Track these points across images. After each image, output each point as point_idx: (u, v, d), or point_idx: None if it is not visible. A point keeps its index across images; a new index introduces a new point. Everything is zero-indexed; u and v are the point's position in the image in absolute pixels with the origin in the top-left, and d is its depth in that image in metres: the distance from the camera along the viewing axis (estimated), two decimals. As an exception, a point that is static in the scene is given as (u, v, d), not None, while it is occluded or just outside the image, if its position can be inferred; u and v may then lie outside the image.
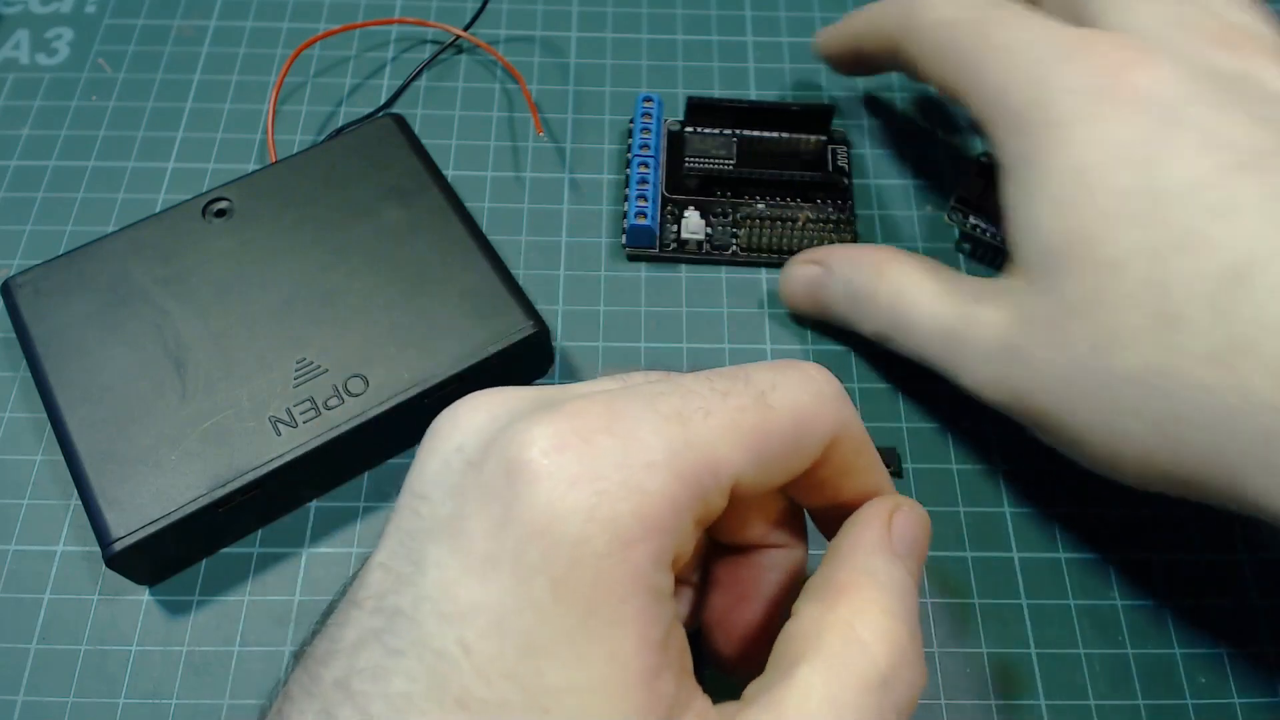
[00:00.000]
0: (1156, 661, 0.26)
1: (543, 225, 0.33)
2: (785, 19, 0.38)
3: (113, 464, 0.25)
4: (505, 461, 0.15)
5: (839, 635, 0.17)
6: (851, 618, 0.17)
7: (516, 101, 0.36)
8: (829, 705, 0.16)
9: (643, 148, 0.33)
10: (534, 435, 0.15)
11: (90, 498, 0.24)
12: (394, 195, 0.30)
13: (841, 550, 0.19)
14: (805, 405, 0.17)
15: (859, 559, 0.18)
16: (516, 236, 0.32)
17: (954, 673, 0.25)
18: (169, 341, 0.27)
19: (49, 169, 0.34)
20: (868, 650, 0.16)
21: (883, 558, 0.18)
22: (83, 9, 0.38)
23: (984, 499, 0.28)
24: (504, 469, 0.15)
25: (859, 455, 0.19)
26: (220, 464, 0.25)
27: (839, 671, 0.16)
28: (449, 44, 0.37)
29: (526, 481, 0.15)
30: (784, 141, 0.33)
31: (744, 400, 0.17)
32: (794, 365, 0.18)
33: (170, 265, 0.28)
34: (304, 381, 0.26)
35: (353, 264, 0.28)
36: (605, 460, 0.15)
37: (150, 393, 0.26)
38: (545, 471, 0.15)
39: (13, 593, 0.26)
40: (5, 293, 0.28)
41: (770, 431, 0.17)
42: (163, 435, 0.25)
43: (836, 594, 0.17)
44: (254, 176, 0.30)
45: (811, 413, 0.17)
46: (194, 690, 0.25)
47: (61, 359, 0.26)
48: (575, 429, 0.16)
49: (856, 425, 0.19)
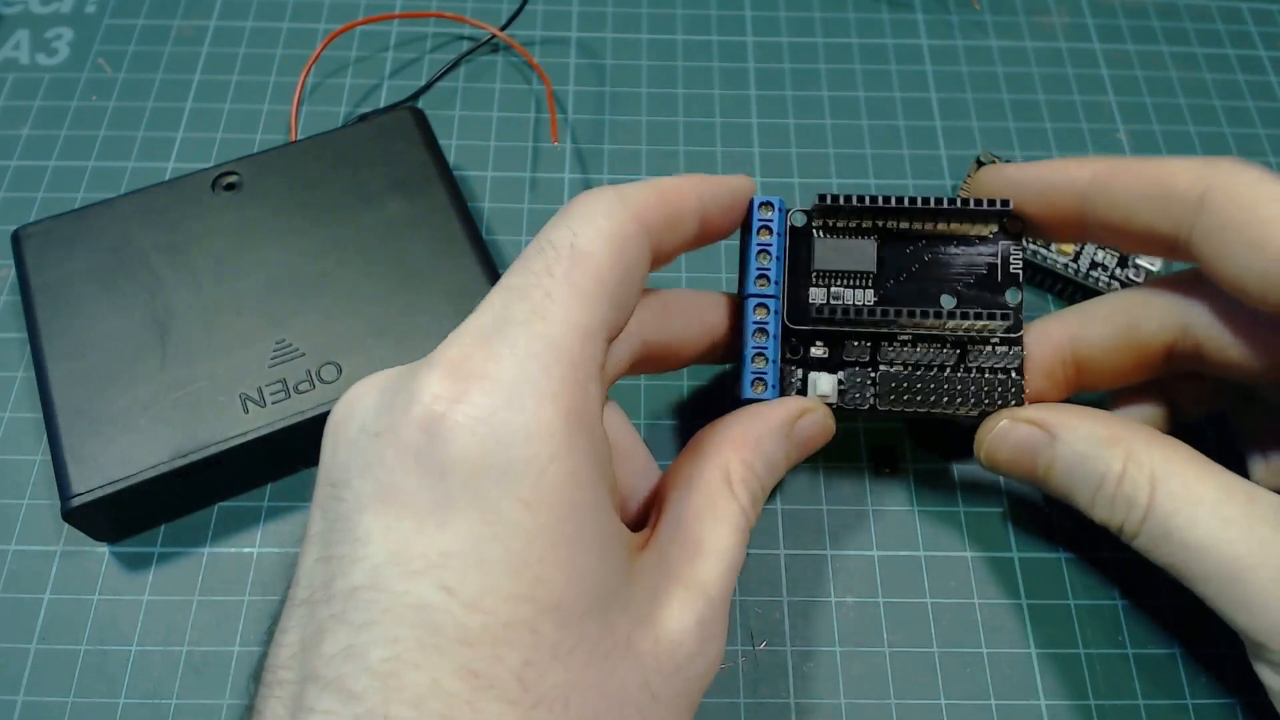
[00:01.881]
0: (1156, 661, 0.26)
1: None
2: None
3: (85, 421, 0.25)
4: (418, 420, 0.16)
5: (711, 465, 0.21)
6: (725, 459, 0.22)
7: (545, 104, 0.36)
8: (711, 511, 0.20)
9: (760, 279, 0.23)
10: (434, 390, 0.17)
11: (58, 451, 0.25)
12: (399, 188, 0.30)
13: (736, 421, 0.23)
14: (603, 228, 0.19)
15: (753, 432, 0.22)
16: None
17: (954, 673, 0.25)
18: (158, 308, 0.27)
19: (49, 169, 0.34)
20: (729, 474, 0.21)
21: (779, 438, 0.23)
22: (83, 9, 0.38)
23: (984, 499, 0.28)
24: (419, 427, 0.16)
25: (673, 218, 0.21)
26: (186, 435, 0.25)
27: (712, 488, 0.21)
28: (483, 43, 0.37)
29: (449, 429, 0.16)
30: (946, 252, 0.25)
31: (564, 263, 0.19)
32: (572, 207, 0.20)
33: (173, 233, 0.28)
34: (279, 363, 0.26)
35: (347, 252, 0.28)
36: (504, 383, 0.17)
37: (132, 356, 0.26)
38: (461, 414, 0.16)
39: (13, 593, 0.26)
40: (15, 241, 0.28)
41: (600, 270, 0.19)
42: (136, 399, 0.25)
43: (721, 446, 0.22)
44: (267, 154, 0.30)
45: (612, 230, 0.19)
46: (194, 690, 0.25)
47: (54, 312, 0.27)
48: (465, 371, 0.17)
49: (638, 191, 0.21)
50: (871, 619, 0.26)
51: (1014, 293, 0.24)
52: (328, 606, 0.16)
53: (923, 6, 0.39)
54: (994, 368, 0.24)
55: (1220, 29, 0.39)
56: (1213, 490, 0.21)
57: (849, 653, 0.26)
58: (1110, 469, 0.22)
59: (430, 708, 0.15)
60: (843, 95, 0.36)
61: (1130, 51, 0.38)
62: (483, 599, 0.15)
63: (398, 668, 0.15)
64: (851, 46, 0.38)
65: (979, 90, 0.37)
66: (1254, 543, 0.20)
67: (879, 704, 0.25)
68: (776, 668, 0.25)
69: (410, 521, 0.16)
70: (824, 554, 0.27)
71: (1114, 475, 0.22)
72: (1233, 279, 0.21)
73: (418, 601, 0.15)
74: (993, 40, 0.38)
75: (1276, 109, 0.36)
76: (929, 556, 0.27)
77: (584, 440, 0.17)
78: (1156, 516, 0.21)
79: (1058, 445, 0.23)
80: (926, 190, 0.34)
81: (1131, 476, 0.22)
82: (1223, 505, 0.21)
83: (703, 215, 0.22)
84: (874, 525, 0.27)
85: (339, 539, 0.17)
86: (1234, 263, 0.21)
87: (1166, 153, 0.35)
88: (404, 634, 0.15)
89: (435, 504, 0.16)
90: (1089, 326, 0.24)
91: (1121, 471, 0.22)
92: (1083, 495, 0.23)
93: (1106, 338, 0.24)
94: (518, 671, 0.15)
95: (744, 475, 0.21)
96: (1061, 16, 0.39)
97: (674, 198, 0.21)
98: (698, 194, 0.22)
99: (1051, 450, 0.23)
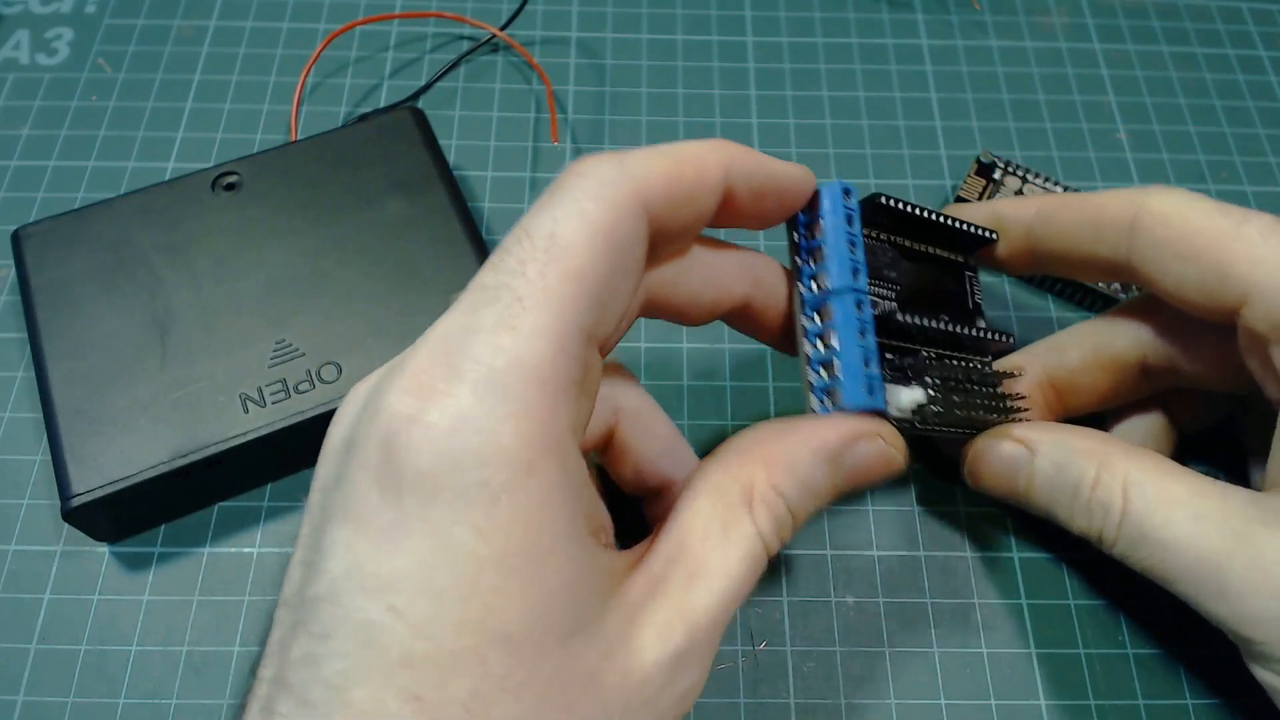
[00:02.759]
0: (1156, 661, 0.26)
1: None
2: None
3: (85, 421, 0.25)
4: (376, 436, 0.16)
5: (732, 477, 0.19)
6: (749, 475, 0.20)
7: (546, 104, 0.36)
8: (722, 529, 0.18)
9: (855, 272, 0.21)
10: (393, 405, 0.16)
11: (58, 451, 0.25)
12: (399, 188, 0.30)
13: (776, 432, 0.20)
14: (590, 213, 0.17)
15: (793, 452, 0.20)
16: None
17: (954, 673, 0.25)
18: (159, 308, 0.27)
19: (49, 169, 0.34)
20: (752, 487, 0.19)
21: (824, 466, 0.20)
22: (83, 9, 0.38)
23: (984, 499, 0.28)
24: (378, 443, 0.16)
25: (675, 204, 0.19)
26: (186, 435, 0.25)
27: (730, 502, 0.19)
28: (483, 43, 0.37)
29: (403, 448, 0.15)
30: (938, 274, 0.25)
31: (539, 258, 0.17)
32: (561, 185, 0.18)
33: (173, 233, 0.28)
34: (280, 363, 0.26)
35: (347, 252, 0.28)
36: (462, 402, 0.16)
37: (132, 356, 0.26)
38: (418, 433, 0.15)
39: (13, 593, 0.26)
40: (15, 241, 0.28)
41: (581, 267, 0.17)
42: (136, 399, 0.26)
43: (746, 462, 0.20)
44: (267, 154, 0.30)
45: (599, 216, 0.17)
46: (194, 690, 0.25)
47: (54, 312, 0.27)
48: (424, 384, 0.16)
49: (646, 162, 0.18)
50: (871, 619, 0.26)
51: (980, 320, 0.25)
52: (299, 611, 0.16)
53: (923, 6, 0.39)
54: (997, 384, 0.25)
55: (1220, 29, 0.39)
56: (1185, 490, 0.21)
57: (849, 653, 0.26)
58: (1084, 476, 0.22)
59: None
60: (843, 95, 0.36)
61: (1130, 51, 0.38)
62: (429, 625, 0.15)
63: (346, 683, 0.15)
64: (851, 46, 0.38)
65: (979, 90, 0.37)
66: (1228, 536, 0.20)
67: (879, 704, 0.25)
68: (776, 668, 0.25)
69: (368, 540, 0.16)
70: (824, 554, 0.27)
71: (1088, 481, 0.22)
72: (1174, 293, 0.23)
73: (366, 620, 0.15)
74: (993, 40, 0.38)
75: (1276, 109, 0.36)
76: (929, 556, 0.27)
77: (548, 466, 0.16)
78: (1132, 519, 0.21)
79: (1036, 460, 0.23)
80: (927, 190, 0.34)
81: (1105, 482, 0.22)
82: (1196, 502, 0.21)
83: (727, 189, 0.19)
84: (874, 525, 0.27)
85: (314, 545, 0.16)
86: (1171, 278, 0.22)
87: (1166, 153, 0.35)
88: (352, 650, 0.15)
89: (391, 524, 0.15)
90: (1059, 355, 0.26)
91: (1095, 478, 0.22)
92: (1062, 507, 0.23)
93: (1076, 361, 0.26)
94: (464, 701, 0.15)
95: (768, 497, 0.19)
96: (1061, 16, 0.39)
97: (691, 170, 0.19)
98: (722, 164, 0.19)
99: (1031, 466, 0.23)
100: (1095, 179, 0.35)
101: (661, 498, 0.24)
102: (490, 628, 0.15)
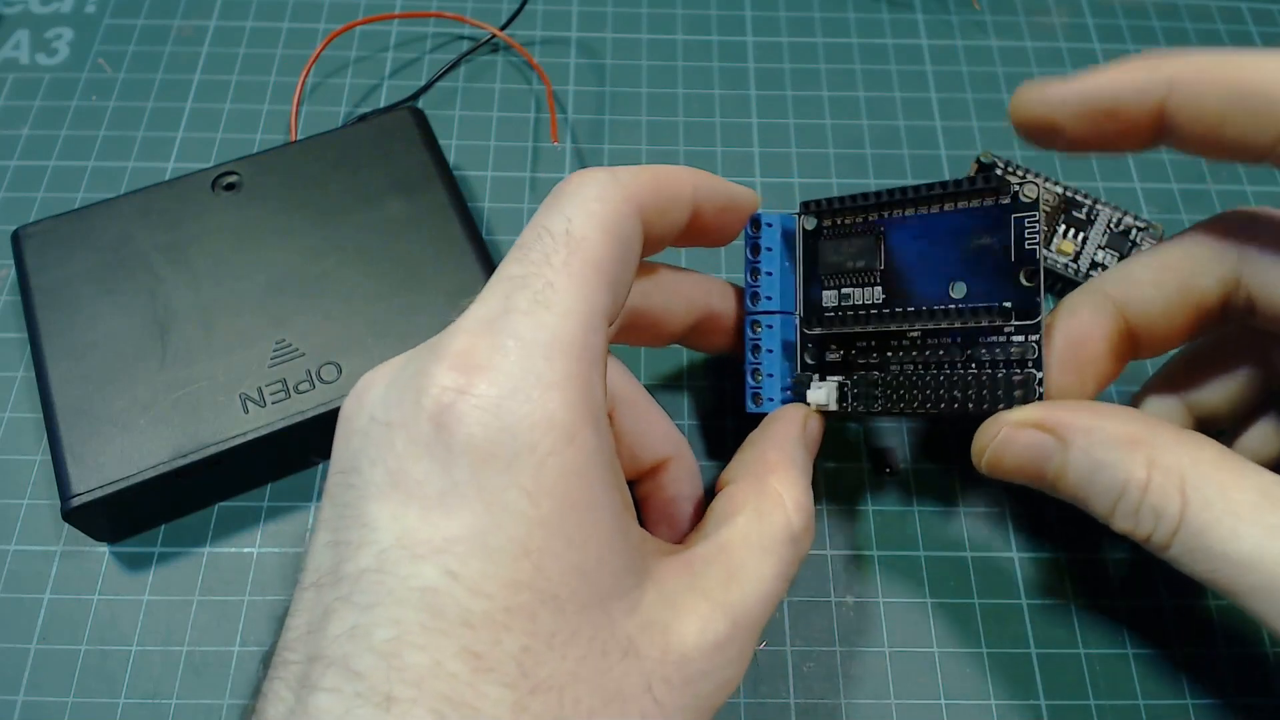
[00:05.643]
0: (1156, 661, 0.26)
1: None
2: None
3: (85, 421, 0.25)
4: (427, 411, 0.17)
5: (770, 500, 0.21)
6: (780, 488, 0.21)
7: (546, 104, 0.36)
8: (760, 543, 0.20)
9: (753, 295, 0.25)
10: (442, 382, 0.17)
11: (58, 451, 0.25)
12: (399, 188, 0.30)
13: (769, 437, 0.23)
14: (597, 211, 0.19)
15: (787, 447, 0.23)
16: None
17: (954, 673, 0.25)
18: (159, 308, 0.27)
19: (49, 169, 0.34)
20: (789, 513, 0.21)
21: (802, 449, 0.23)
22: (83, 9, 0.38)
23: (984, 499, 0.28)
24: (428, 417, 0.17)
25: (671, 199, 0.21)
26: (186, 435, 0.25)
27: (769, 524, 0.20)
28: (483, 42, 0.37)
29: (456, 419, 0.16)
30: (954, 235, 0.23)
31: (561, 251, 0.18)
32: (564, 190, 0.20)
33: (173, 233, 0.28)
34: (279, 363, 0.26)
35: (347, 252, 0.28)
36: (509, 374, 0.17)
37: (132, 356, 0.26)
38: (468, 405, 0.16)
39: (13, 593, 0.26)
40: (15, 241, 0.28)
41: (598, 257, 0.19)
42: (136, 399, 0.26)
43: (768, 471, 0.22)
44: (267, 154, 0.30)
45: (605, 214, 0.19)
46: (194, 690, 0.25)
47: (54, 312, 0.27)
48: (470, 362, 0.17)
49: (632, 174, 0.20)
50: (871, 619, 0.26)
51: (1029, 274, 0.21)
52: (335, 590, 0.16)
53: (923, 6, 0.39)
54: (1010, 360, 0.22)
55: (1220, 29, 0.39)
56: (1253, 495, 0.18)
57: (849, 653, 0.26)
58: (1133, 476, 0.19)
59: (431, 687, 0.15)
60: (843, 95, 0.36)
61: (1130, 51, 0.38)
62: (485, 584, 0.16)
63: (400, 648, 0.15)
64: (851, 46, 0.38)
65: (979, 90, 0.37)
66: None
67: (879, 704, 0.25)
68: (776, 668, 0.25)
69: (417, 508, 0.16)
70: (824, 554, 0.27)
71: (1138, 484, 0.19)
72: None
73: (422, 585, 0.16)
74: (993, 40, 0.38)
75: (1276, 109, 0.36)
76: (929, 557, 0.27)
77: (587, 434, 0.17)
78: (1191, 528, 0.19)
79: (1070, 451, 0.20)
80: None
81: (1159, 485, 0.19)
82: (1267, 513, 0.18)
83: (695, 205, 0.22)
84: (874, 525, 0.27)
85: (347, 525, 0.17)
86: None
87: (1166, 152, 0.35)
88: (407, 616, 0.15)
89: (442, 492, 0.16)
90: (1136, 292, 0.22)
91: (1146, 480, 0.19)
92: (1101, 504, 0.20)
93: (1158, 302, 0.22)
94: (516, 656, 0.16)
95: (802, 502, 0.21)
96: (1061, 16, 0.39)
97: (668, 183, 0.21)
98: (692, 183, 0.22)
99: (1063, 456, 0.20)
100: (1095, 179, 0.35)
101: (653, 477, 0.24)
102: (539, 586, 0.16)
